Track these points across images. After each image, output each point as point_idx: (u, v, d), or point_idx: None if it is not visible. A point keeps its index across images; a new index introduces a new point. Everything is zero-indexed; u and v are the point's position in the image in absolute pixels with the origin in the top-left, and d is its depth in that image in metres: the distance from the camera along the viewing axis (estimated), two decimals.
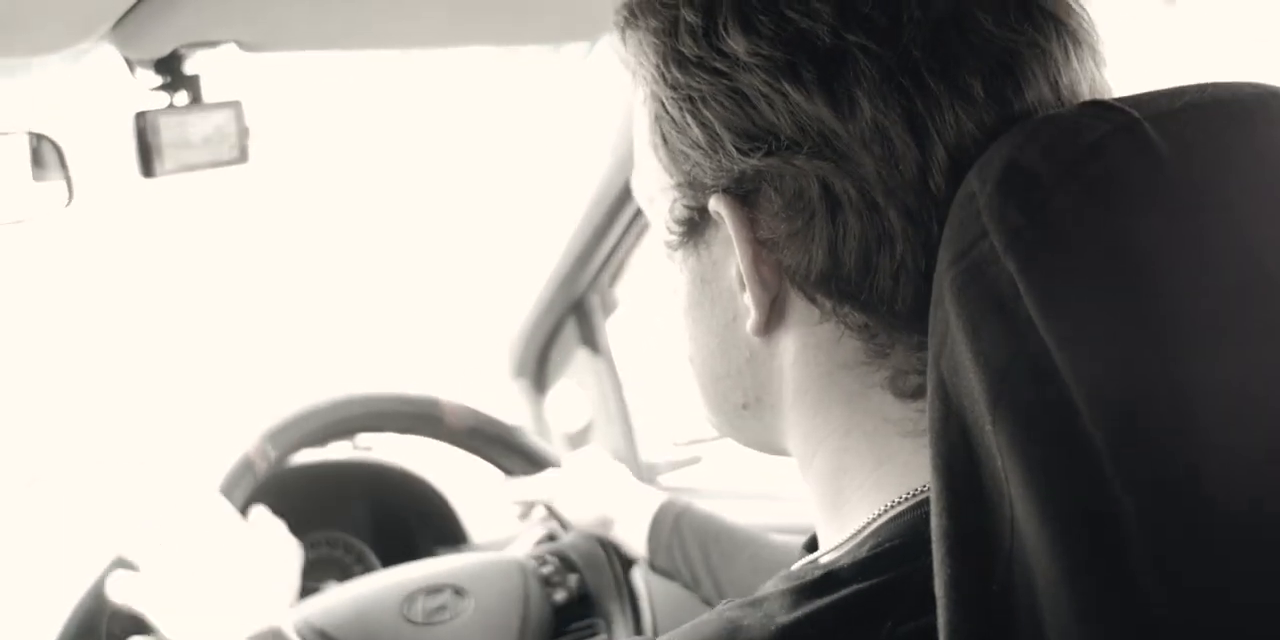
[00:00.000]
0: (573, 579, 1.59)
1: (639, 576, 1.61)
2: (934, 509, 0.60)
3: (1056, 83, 0.68)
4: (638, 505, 1.54)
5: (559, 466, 1.65)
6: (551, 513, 1.63)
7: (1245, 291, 0.58)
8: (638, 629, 1.59)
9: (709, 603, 1.43)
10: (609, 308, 2.08)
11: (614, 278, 2.02)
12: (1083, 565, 0.55)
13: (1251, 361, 0.57)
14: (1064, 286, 0.57)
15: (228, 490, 1.40)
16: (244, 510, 1.40)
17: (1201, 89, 0.63)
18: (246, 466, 1.44)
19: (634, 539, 1.53)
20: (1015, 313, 0.57)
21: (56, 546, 1.63)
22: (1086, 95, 0.69)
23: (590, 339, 2.08)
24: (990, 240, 0.59)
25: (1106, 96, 0.70)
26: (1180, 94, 0.62)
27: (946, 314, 0.60)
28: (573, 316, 2.07)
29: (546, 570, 1.58)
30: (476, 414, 1.61)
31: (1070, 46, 0.69)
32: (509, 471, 1.66)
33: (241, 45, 1.24)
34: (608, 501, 1.57)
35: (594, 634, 1.63)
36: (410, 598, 1.47)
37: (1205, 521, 0.55)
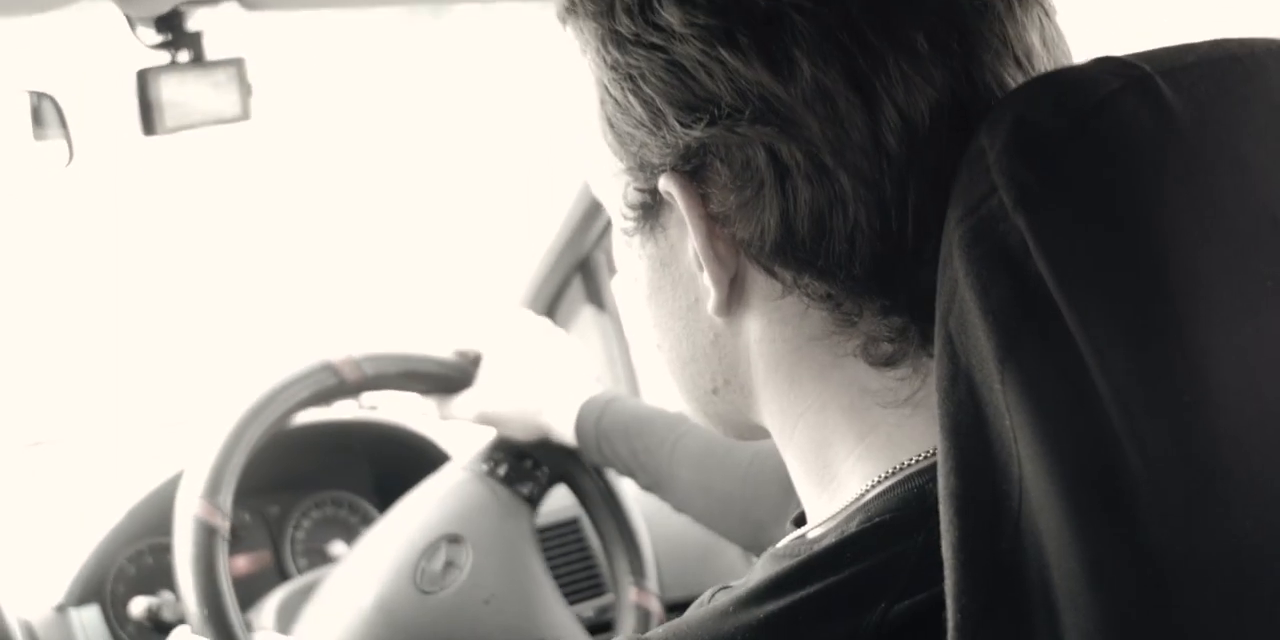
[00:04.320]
0: (527, 464, 1.58)
1: None
2: (941, 469, 0.60)
3: (1004, 35, 0.66)
4: (565, 406, 1.51)
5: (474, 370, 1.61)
6: (498, 434, 1.60)
7: (1258, 248, 0.57)
8: (608, 491, 1.60)
9: (650, 491, 1.46)
10: (615, 266, 2.08)
11: None
12: (1091, 524, 0.55)
13: (1264, 319, 0.56)
14: (1075, 243, 0.57)
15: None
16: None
17: (1214, 44, 0.62)
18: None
19: (567, 440, 1.52)
20: (1025, 270, 0.57)
21: (61, 509, 1.64)
22: (1038, 46, 0.68)
23: (596, 297, 2.08)
24: (999, 196, 0.58)
25: (1060, 46, 0.69)
26: (1193, 49, 0.62)
27: (955, 272, 0.60)
28: (579, 275, 2.06)
29: (502, 471, 1.56)
30: (373, 359, 1.56)
31: None
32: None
33: (242, 3, 1.23)
34: (539, 408, 1.53)
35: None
36: (417, 570, 1.47)
37: (1216, 479, 0.55)
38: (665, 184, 0.69)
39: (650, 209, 0.72)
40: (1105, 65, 0.61)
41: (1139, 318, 0.56)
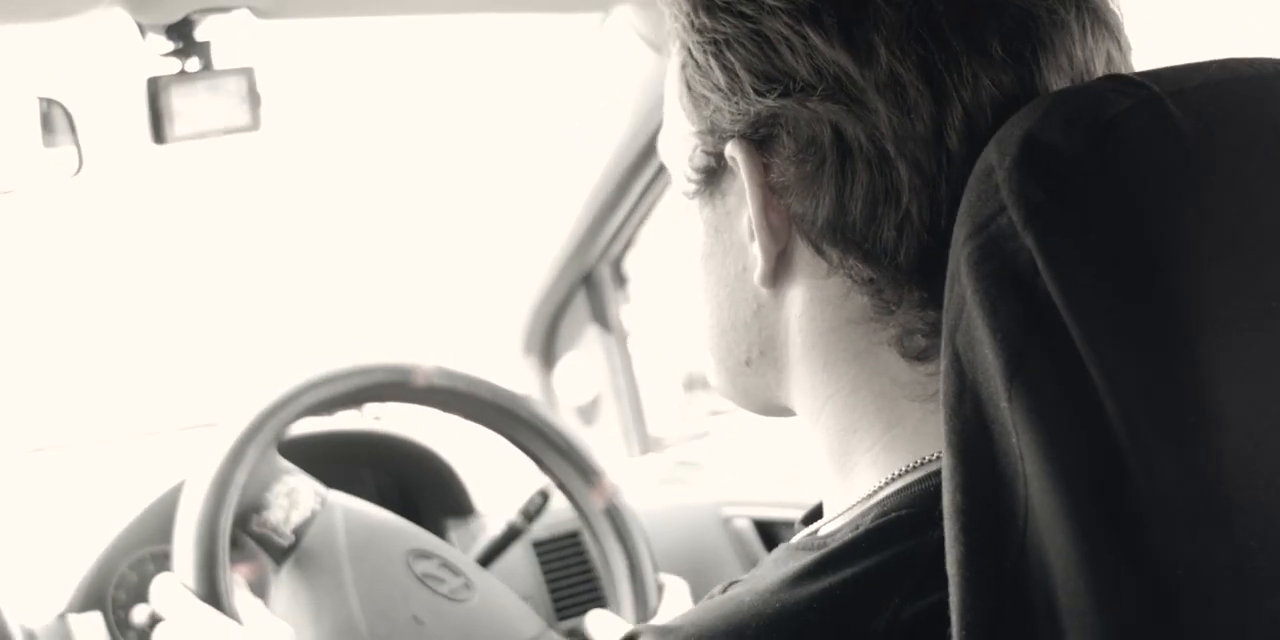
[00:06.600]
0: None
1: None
2: (947, 485, 0.60)
3: (1072, 55, 0.68)
4: None
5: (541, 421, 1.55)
6: None
7: (1265, 268, 0.57)
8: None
9: None
10: (620, 280, 2.08)
11: (625, 249, 2.02)
12: (1097, 542, 0.55)
13: (1270, 338, 0.56)
14: (1083, 263, 0.57)
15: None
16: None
17: (1223, 64, 0.63)
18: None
19: None
20: (1033, 289, 0.57)
21: (62, 515, 1.64)
22: (1099, 73, 0.69)
23: (600, 312, 2.07)
24: (1009, 215, 0.58)
25: None
26: (1202, 69, 0.62)
27: (963, 289, 0.60)
28: (582, 289, 2.06)
29: None
30: (446, 372, 1.54)
31: (1089, 23, 0.69)
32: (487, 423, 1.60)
33: (255, 11, 1.23)
34: None
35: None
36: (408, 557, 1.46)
37: (1221, 498, 0.55)
38: (731, 149, 0.71)
39: (713, 174, 0.74)
40: (1114, 84, 0.61)
41: (1146, 337, 0.56)
